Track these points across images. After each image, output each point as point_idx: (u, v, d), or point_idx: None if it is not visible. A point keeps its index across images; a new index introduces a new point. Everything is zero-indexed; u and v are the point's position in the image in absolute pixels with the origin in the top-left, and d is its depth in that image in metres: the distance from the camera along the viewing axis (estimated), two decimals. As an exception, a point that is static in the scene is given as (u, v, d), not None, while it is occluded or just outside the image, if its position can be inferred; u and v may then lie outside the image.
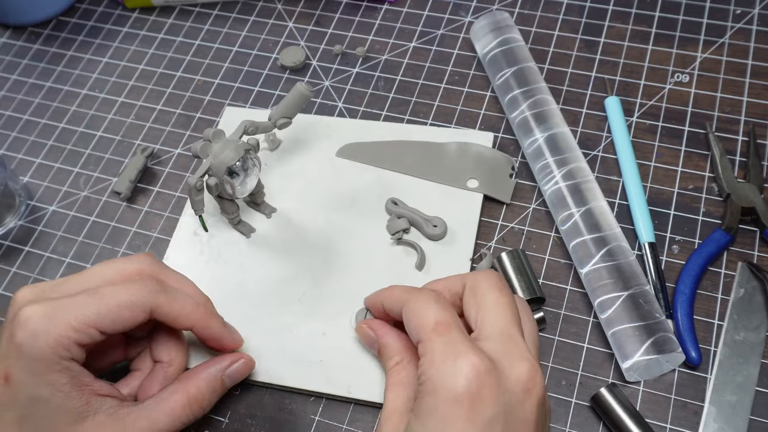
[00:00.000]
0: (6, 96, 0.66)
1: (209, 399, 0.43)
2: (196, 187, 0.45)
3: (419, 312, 0.38)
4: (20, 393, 0.38)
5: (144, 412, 0.40)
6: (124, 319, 0.40)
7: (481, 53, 0.58)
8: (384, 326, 0.43)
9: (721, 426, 0.43)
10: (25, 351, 0.37)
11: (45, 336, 0.38)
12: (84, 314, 0.39)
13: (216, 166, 0.46)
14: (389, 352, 0.42)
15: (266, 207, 0.53)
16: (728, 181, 0.50)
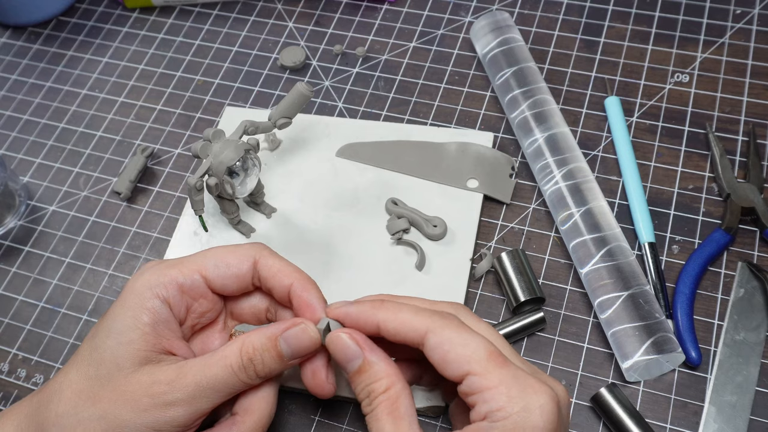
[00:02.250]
0: (6, 96, 0.66)
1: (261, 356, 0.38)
2: (196, 187, 0.45)
3: (464, 341, 0.35)
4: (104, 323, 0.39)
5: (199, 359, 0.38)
6: (228, 264, 0.40)
7: (481, 53, 0.58)
8: (369, 341, 0.38)
9: (721, 426, 0.43)
10: (127, 290, 0.39)
11: (148, 274, 0.39)
12: (192, 260, 0.40)
13: (216, 166, 0.46)
14: (378, 373, 0.37)
15: (266, 207, 0.53)
16: (728, 181, 0.50)
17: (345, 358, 0.38)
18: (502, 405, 0.34)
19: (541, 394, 0.34)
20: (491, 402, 0.34)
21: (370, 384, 0.37)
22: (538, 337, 0.47)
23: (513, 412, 0.33)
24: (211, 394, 0.37)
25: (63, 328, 0.52)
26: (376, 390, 0.36)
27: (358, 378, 0.37)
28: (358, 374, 0.37)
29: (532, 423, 0.33)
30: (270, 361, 0.38)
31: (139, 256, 0.54)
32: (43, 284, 0.54)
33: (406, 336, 0.37)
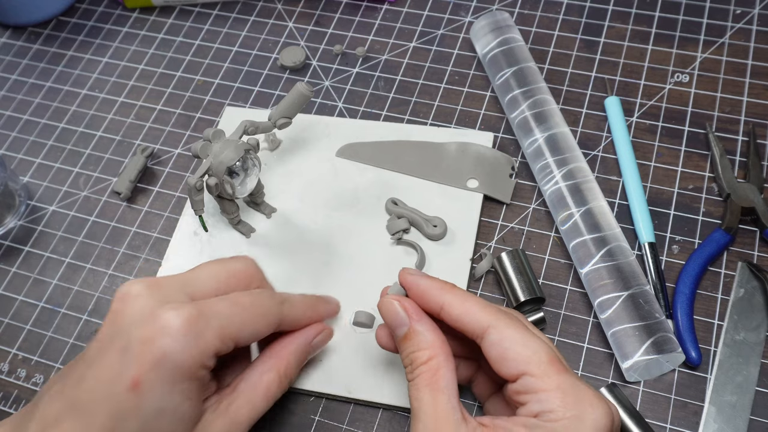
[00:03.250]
0: (6, 96, 0.66)
1: (296, 373, 0.42)
2: (196, 187, 0.45)
3: (526, 342, 0.35)
4: (149, 402, 0.34)
5: (243, 398, 0.39)
6: (258, 332, 0.39)
7: (481, 53, 0.58)
8: (421, 312, 0.38)
9: (721, 426, 0.43)
10: (169, 360, 0.34)
11: (191, 348, 0.35)
12: (229, 324, 0.37)
13: (216, 166, 0.46)
14: (421, 343, 0.37)
15: (266, 207, 0.53)
16: (728, 181, 0.50)
17: (392, 323, 0.38)
18: (556, 408, 0.33)
19: (597, 407, 0.34)
20: (545, 403, 0.34)
21: (414, 352, 0.37)
22: (538, 337, 0.47)
23: (565, 417, 0.33)
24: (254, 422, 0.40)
25: (63, 328, 0.52)
26: (418, 359, 0.37)
27: (403, 345, 0.38)
28: (403, 341, 0.38)
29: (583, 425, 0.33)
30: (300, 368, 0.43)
31: (139, 256, 0.54)
32: (43, 284, 0.54)
33: (467, 324, 0.37)
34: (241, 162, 0.46)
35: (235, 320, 0.37)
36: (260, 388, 0.40)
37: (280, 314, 0.40)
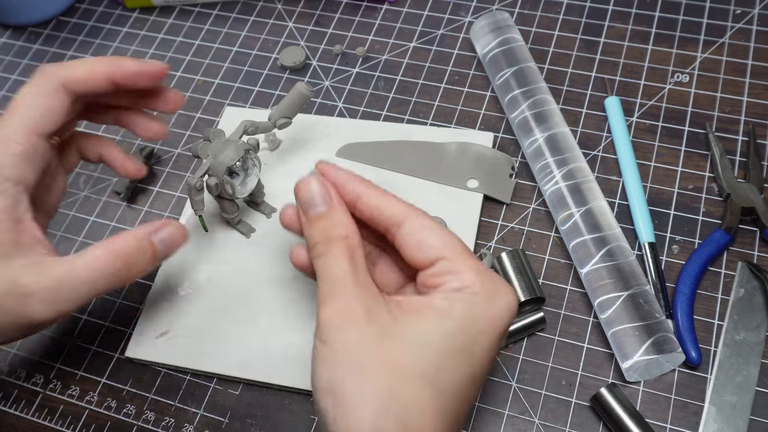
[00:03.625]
0: (6, 96, 0.66)
1: (136, 259, 0.40)
2: (196, 187, 0.45)
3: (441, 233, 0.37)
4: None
5: (63, 261, 0.39)
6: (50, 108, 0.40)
7: (481, 53, 0.58)
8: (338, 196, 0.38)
9: (721, 426, 0.43)
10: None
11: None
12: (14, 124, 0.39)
13: (216, 166, 0.46)
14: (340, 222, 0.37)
15: (266, 207, 0.53)
16: (728, 181, 0.50)
17: (310, 201, 0.37)
18: (473, 284, 0.35)
19: (508, 288, 0.36)
20: (464, 281, 0.35)
21: (331, 230, 0.37)
22: (538, 337, 0.47)
23: (483, 291, 0.35)
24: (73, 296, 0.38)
25: (63, 328, 0.52)
26: (336, 235, 0.36)
27: (317, 224, 0.37)
28: (318, 220, 0.37)
29: (498, 307, 0.35)
30: (145, 261, 0.41)
31: (139, 256, 0.54)
32: (43, 284, 0.54)
33: (384, 213, 0.37)
34: (242, 162, 0.46)
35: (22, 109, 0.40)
36: (85, 256, 0.39)
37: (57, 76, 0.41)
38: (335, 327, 0.34)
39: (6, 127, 0.39)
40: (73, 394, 0.49)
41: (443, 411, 0.33)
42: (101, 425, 0.47)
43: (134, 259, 0.40)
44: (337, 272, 0.36)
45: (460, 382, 0.34)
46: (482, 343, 0.34)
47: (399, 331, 0.34)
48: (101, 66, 0.42)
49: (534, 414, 0.45)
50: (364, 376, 0.33)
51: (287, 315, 0.48)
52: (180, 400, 0.48)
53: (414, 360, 0.33)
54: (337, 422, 0.33)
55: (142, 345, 0.48)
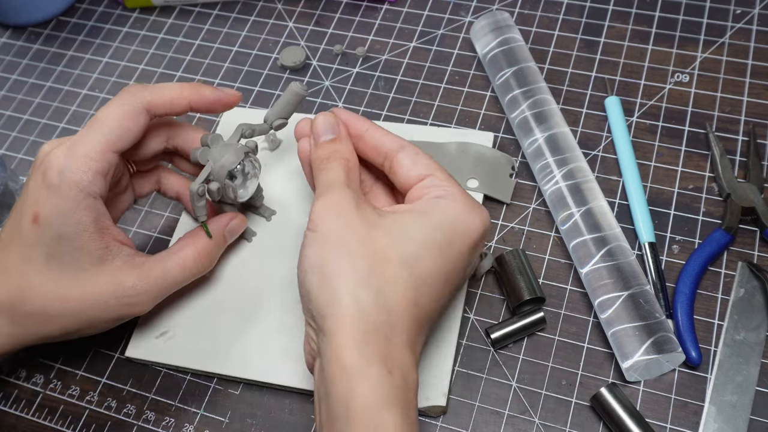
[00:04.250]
0: (6, 96, 0.66)
1: (215, 253, 0.47)
2: (198, 193, 0.45)
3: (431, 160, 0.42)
4: (48, 231, 0.41)
5: (157, 261, 0.44)
6: (128, 129, 0.42)
7: (481, 53, 0.58)
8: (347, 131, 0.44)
9: (721, 426, 0.43)
10: (54, 190, 0.40)
11: (69, 172, 0.40)
12: (94, 140, 0.41)
13: (217, 170, 0.45)
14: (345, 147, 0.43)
15: (266, 210, 0.52)
16: (728, 181, 0.50)
17: (324, 129, 0.43)
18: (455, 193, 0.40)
19: (485, 212, 0.41)
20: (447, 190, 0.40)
21: (333, 152, 0.42)
22: (538, 337, 0.47)
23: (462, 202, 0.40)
24: (168, 291, 0.45)
25: (63, 328, 0.52)
26: (337, 156, 0.42)
27: (325, 147, 0.43)
28: (326, 144, 0.43)
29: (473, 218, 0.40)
30: (219, 250, 0.48)
31: (140, 256, 0.54)
32: (43, 284, 0.54)
33: (385, 143, 0.43)
34: (242, 165, 0.46)
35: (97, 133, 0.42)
36: (175, 257, 0.45)
37: (142, 100, 0.43)
38: (325, 216, 0.39)
39: (84, 144, 0.41)
40: (73, 394, 0.49)
41: (418, 296, 0.37)
42: (101, 425, 0.47)
43: (215, 254, 0.47)
44: (332, 177, 0.41)
45: (436, 274, 0.38)
46: (457, 246, 0.39)
47: (384, 222, 0.39)
48: (186, 92, 0.45)
49: (534, 414, 0.45)
50: (349, 254, 0.37)
51: (287, 315, 0.48)
52: (180, 400, 0.48)
53: (395, 247, 0.37)
54: (321, 296, 0.37)
55: (142, 345, 0.48)
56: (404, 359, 0.36)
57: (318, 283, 0.37)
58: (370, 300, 0.36)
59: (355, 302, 0.36)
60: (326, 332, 0.36)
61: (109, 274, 0.42)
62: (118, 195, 0.48)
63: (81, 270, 0.42)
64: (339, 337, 0.35)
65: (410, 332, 0.37)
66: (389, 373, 0.35)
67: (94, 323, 0.43)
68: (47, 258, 0.41)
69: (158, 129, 0.47)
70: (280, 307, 0.49)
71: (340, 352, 0.35)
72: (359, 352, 0.35)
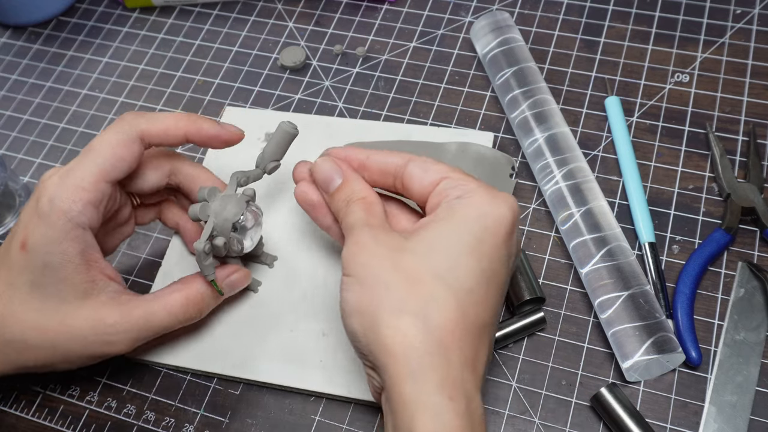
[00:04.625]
0: (6, 96, 0.66)
1: (207, 304, 0.45)
2: (204, 251, 0.43)
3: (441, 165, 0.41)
4: (34, 259, 0.40)
5: (143, 302, 0.43)
6: (122, 158, 0.42)
7: (481, 53, 0.58)
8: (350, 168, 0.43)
9: (721, 426, 0.43)
10: (44, 218, 0.40)
11: (59, 201, 0.40)
12: (86, 170, 0.41)
13: (220, 224, 0.43)
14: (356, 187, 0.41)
15: (267, 257, 0.51)
16: (728, 181, 0.50)
17: (327, 178, 0.42)
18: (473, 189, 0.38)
19: (510, 197, 0.39)
20: (465, 188, 0.39)
21: (350, 194, 0.41)
22: (538, 337, 0.47)
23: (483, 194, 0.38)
24: (150, 335, 0.43)
25: (63, 328, 0.52)
26: (355, 196, 0.41)
27: (338, 194, 0.42)
28: (339, 191, 0.42)
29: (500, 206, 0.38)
30: (213, 303, 0.46)
31: (140, 256, 0.54)
32: (43, 284, 0.54)
33: (389, 164, 0.41)
34: (244, 215, 0.44)
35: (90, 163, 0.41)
36: (162, 301, 0.43)
37: (137, 129, 0.42)
38: (352, 258, 0.38)
39: (77, 173, 0.41)
40: (73, 394, 0.49)
41: (462, 307, 0.36)
42: (101, 425, 0.47)
43: (206, 304, 0.45)
44: (353, 220, 0.40)
45: (474, 279, 0.36)
46: (489, 241, 0.37)
47: (408, 245, 0.37)
48: (181, 123, 0.44)
49: (534, 414, 0.45)
50: (382, 286, 0.36)
51: (288, 315, 0.48)
52: (180, 400, 0.48)
53: (424, 265, 0.36)
54: (367, 335, 0.36)
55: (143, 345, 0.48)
56: (465, 380, 0.35)
57: (360, 323, 0.36)
58: (413, 325, 0.35)
59: (399, 332, 0.35)
60: (382, 368, 0.35)
61: (91, 308, 0.41)
62: (119, 226, 0.48)
63: (64, 302, 0.41)
64: (394, 370, 0.34)
65: (465, 348, 0.35)
66: (450, 400, 0.33)
67: (71, 358, 0.42)
68: (31, 286, 0.41)
69: (159, 162, 0.46)
70: (279, 305, 0.49)
71: (399, 384, 0.34)
72: (415, 382, 0.34)
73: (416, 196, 0.41)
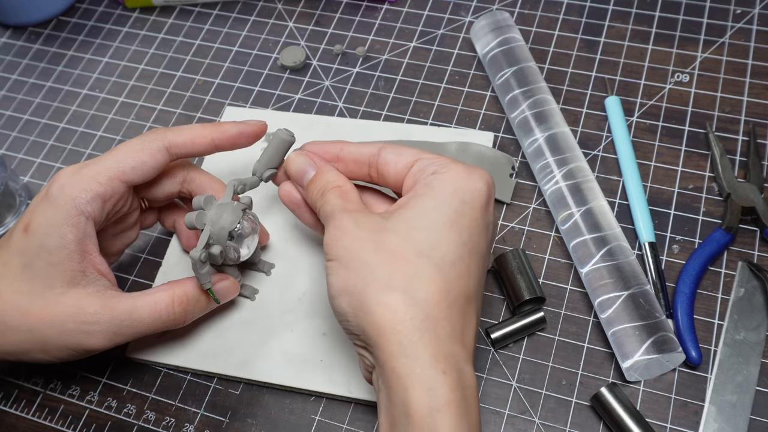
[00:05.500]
0: (6, 96, 0.66)
1: (194, 307, 0.45)
2: (201, 260, 0.42)
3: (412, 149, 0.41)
4: (33, 240, 0.41)
5: (128, 298, 0.42)
6: (144, 162, 0.43)
7: (482, 53, 0.58)
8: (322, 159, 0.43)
9: (721, 426, 0.43)
10: (51, 201, 0.41)
11: (69, 188, 0.41)
12: (104, 166, 0.42)
13: (217, 233, 0.43)
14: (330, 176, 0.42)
15: (264, 264, 0.50)
16: (728, 180, 0.51)
17: (300, 171, 0.43)
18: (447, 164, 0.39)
19: (484, 171, 0.40)
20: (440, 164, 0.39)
21: (325, 184, 0.41)
22: (538, 336, 0.47)
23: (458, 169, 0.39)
24: (132, 333, 0.43)
25: (63, 328, 0.52)
26: (329, 186, 0.41)
27: (312, 186, 0.42)
28: (312, 183, 0.42)
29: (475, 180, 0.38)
30: (200, 309, 0.45)
31: (140, 256, 0.54)
32: (43, 284, 0.54)
33: (364, 150, 0.42)
34: (241, 223, 0.44)
35: (110, 160, 0.42)
36: (147, 298, 0.43)
37: (163, 139, 0.43)
38: (333, 243, 0.38)
39: (95, 167, 0.42)
40: (73, 394, 0.49)
41: (447, 281, 0.36)
42: (101, 425, 0.47)
43: (192, 306, 0.44)
44: (330, 207, 0.40)
45: (456, 253, 0.37)
46: (468, 214, 0.38)
47: (389, 224, 0.38)
48: (206, 131, 0.45)
49: (534, 414, 0.45)
50: (367, 266, 0.36)
51: (288, 315, 0.48)
52: (180, 399, 0.48)
53: (407, 242, 0.37)
54: (356, 314, 0.36)
55: (143, 345, 0.48)
56: (455, 353, 0.35)
57: (349, 303, 0.37)
58: (401, 301, 0.35)
59: (389, 308, 0.35)
60: (374, 345, 0.36)
61: (75, 297, 0.41)
62: (125, 231, 0.48)
63: (49, 287, 0.41)
64: (385, 346, 0.35)
65: (453, 320, 0.36)
66: (443, 373, 0.34)
67: (48, 346, 0.42)
68: (23, 267, 0.41)
69: (174, 170, 0.47)
70: (279, 305, 0.49)
71: (391, 360, 0.34)
72: (407, 357, 0.34)
73: (392, 181, 0.41)
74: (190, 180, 0.47)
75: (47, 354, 0.42)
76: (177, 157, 0.45)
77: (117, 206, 0.44)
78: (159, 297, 0.43)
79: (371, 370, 0.38)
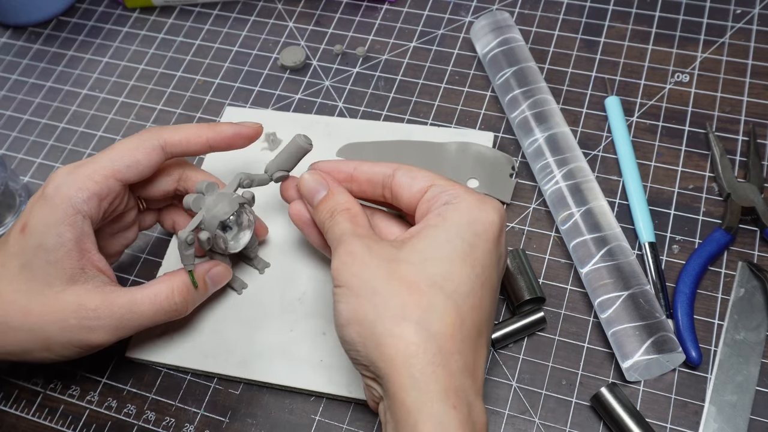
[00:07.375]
0: (6, 96, 0.66)
1: (192, 296, 0.45)
2: (186, 241, 0.43)
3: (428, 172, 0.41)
4: (30, 240, 0.41)
5: (127, 291, 0.43)
6: (138, 161, 0.43)
7: (481, 53, 0.58)
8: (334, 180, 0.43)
9: (721, 426, 0.43)
10: (47, 201, 0.41)
11: (66, 187, 0.41)
12: (99, 165, 0.42)
13: (208, 220, 0.43)
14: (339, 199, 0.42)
15: (259, 261, 0.51)
16: (728, 180, 0.51)
17: (312, 191, 0.43)
18: (462, 194, 0.39)
19: (497, 202, 0.40)
20: (453, 194, 0.39)
21: (334, 206, 0.41)
22: (538, 337, 0.47)
23: (471, 200, 0.39)
24: (133, 326, 0.43)
25: (63, 328, 0.52)
26: (339, 208, 0.41)
27: (322, 206, 0.42)
28: (322, 203, 0.42)
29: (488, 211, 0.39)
30: (199, 296, 0.46)
31: (140, 256, 0.54)
32: (43, 284, 0.54)
33: (378, 172, 0.42)
34: (235, 216, 0.44)
35: (106, 158, 0.43)
36: (147, 291, 0.43)
37: (159, 138, 0.44)
38: (343, 269, 0.38)
39: (89, 166, 0.42)
40: (73, 394, 0.49)
41: (461, 313, 0.36)
42: (102, 425, 0.47)
43: (191, 297, 0.45)
44: (339, 231, 0.40)
45: (470, 285, 0.36)
46: (481, 246, 0.38)
47: (401, 254, 0.37)
48: (202, 131, 0.45)
49: (534, 414, 0.45)
50: (379, 296, 0.36)
51: (288, 314, 0.48)
52: (180, 399, 0.48)
53: (420, 273, 0.36)
54: (366, 344, 0.36)
55: (143, 345, 0.48)
56: (465, 387, 0.35)
57: (359, 332, 0.36)
58: (413, 333, 0.34)
59: (402, 340, 0.34)
60: (383, 377, 0.35)
61: (75, 294, 0.41)
62: (122, 230, 0.48)
63: (49, 285, 0.41)
64: (396, 378, 0.34)
65: (465, 353, 0.35)
66: (453, 408, 0.33)
67: (50, 344, 0.42)
68: (21, 268, 0.41)
69: (171, 169, 0.47)
70: (279, 305, 0.49)
71: (401, 393, 0.34)
72: (418, 390, 0.34)
73: (405, 204, 0.41)
74: (186, 178, 0.47)
75: (51, 352, 0.42)
76: (172, 155, 0.45)
77: (113, 204, 0.44)
78: (159, 289, 0.43)
79: (378, 401, 0.37)
